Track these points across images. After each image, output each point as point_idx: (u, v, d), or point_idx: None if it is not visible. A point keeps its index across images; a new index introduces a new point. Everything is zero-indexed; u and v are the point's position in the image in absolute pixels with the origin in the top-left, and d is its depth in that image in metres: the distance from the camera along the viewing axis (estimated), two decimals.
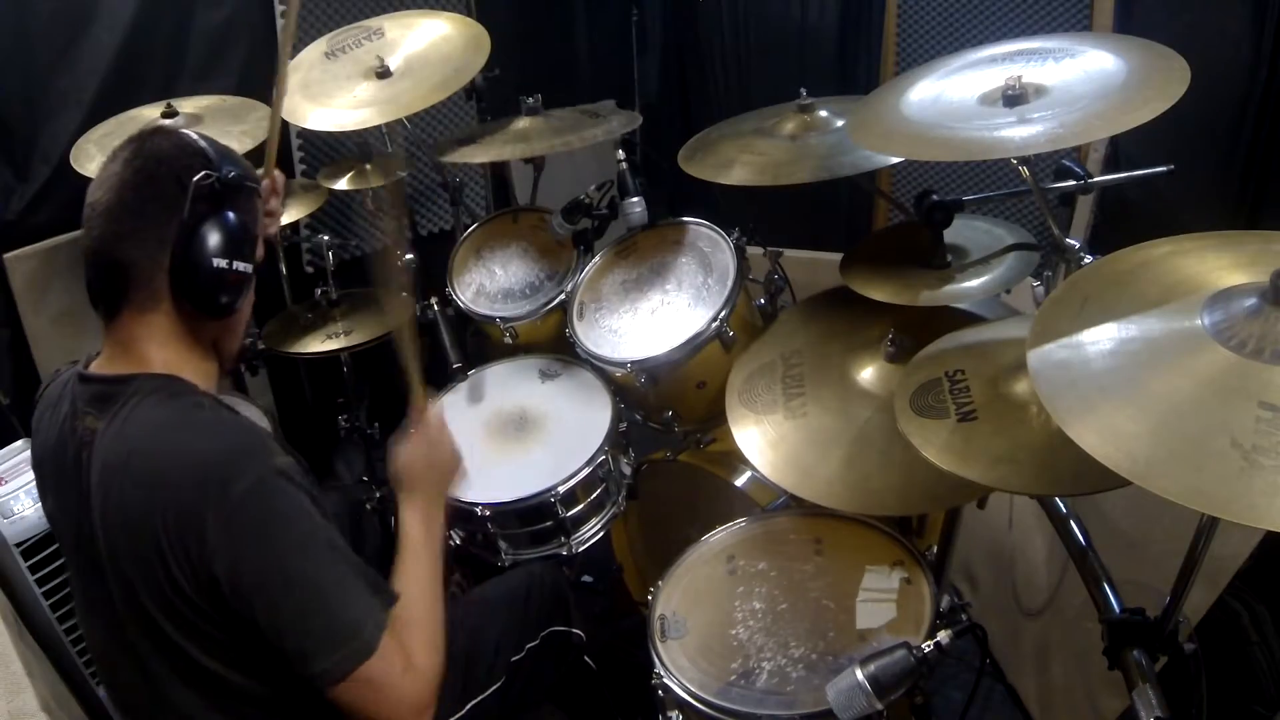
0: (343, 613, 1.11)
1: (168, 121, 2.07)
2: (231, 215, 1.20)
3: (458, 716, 1.42)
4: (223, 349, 1.29)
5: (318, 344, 2.19)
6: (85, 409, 1.17)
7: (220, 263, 1.17)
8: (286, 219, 2.18)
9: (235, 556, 1.07)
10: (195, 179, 1.16)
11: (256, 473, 1.10)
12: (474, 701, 1.44)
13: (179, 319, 1.19)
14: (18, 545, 1.74)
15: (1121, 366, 0.93)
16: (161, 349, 1.18)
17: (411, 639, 1.17)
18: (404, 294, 1.83)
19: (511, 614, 1.55)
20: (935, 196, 1.54)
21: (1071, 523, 1.42)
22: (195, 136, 1.22)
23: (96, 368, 1.21)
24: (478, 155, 2.09)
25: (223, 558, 1.06)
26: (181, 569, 1.07)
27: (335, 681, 1.09)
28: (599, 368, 1.91)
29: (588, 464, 1.77)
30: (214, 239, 1.17)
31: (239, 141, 2.04)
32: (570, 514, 1.77)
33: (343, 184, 2.23)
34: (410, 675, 1.15)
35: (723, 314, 1.79)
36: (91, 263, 1.17)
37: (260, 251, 1.30)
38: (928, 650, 1.22)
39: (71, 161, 2.02)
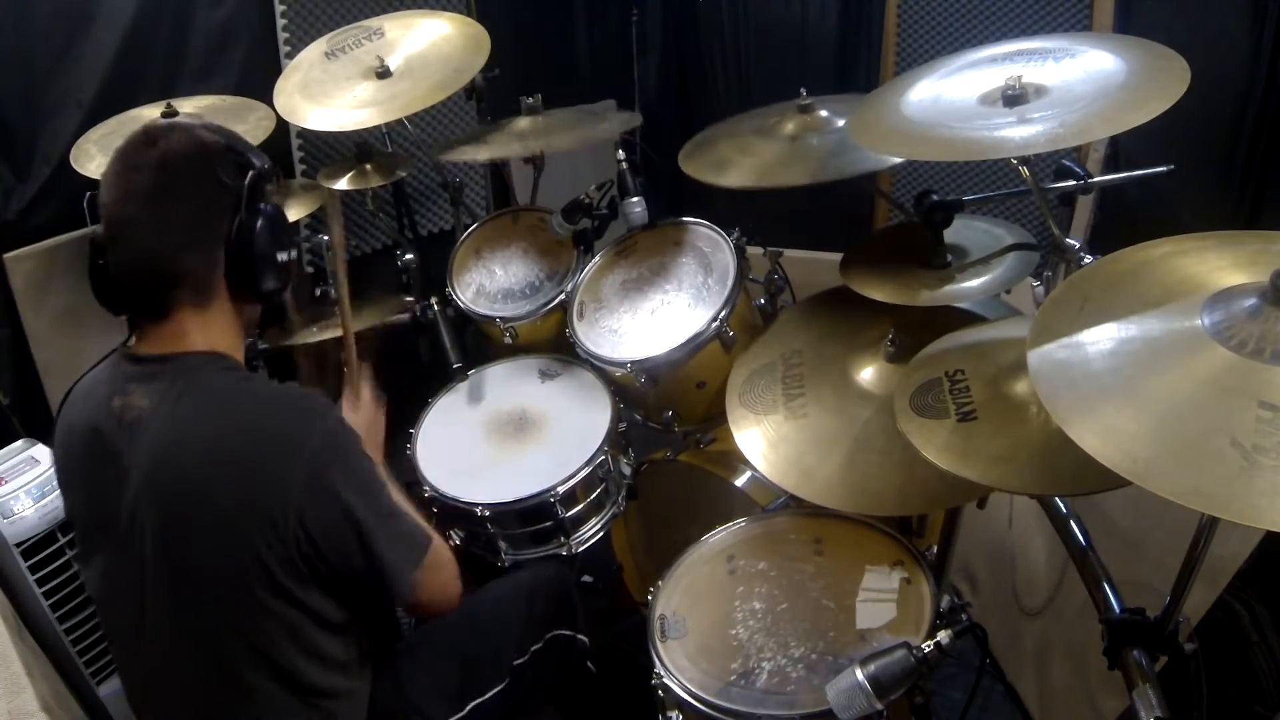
0: (412, 526, 1.25)
1: (171, 119, 2.07)
2: (275, 205, 1.23)
3: (458, 717, 1.42)
4: (250, 328, 1.33)
5: (315, 334, 2.17)
6: (131, 388, 1.17)
7: (282, 255, 1.23)
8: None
9: (322, 507, 1.11)
10: (247, 180, 1.18)
11: (327, 426, 1.15)
12: (475, 702, 1.44)
13: (231, 307, 1.22)
14: (18, 545, 1.74)
15: (1121, 366, 0.93)
16: (207, 333, 1.20)
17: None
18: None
19: (515, 615, 1.55)
20: (935, 196, 1.54)
21: (1071, 523, 1.42)
22: (211, 131, 1.22)
23: (139, 350, 1.21)
24: (479, 153, 2.09)
25: (309, 511, 1.10)
26: (261, 535, 1.09)
27: (417, 582, 1.23)
28: (599, 368, 1.91)
29: (587, 464, 1.77)
30: (270, 232, 1.21)
31: None
32: (570, 514, 1.77)
33: (343, 184, 2.23)
34: (449, 560, 1.33)
35: (723, 314, 1.79)
36: (133, 273, 1.16)
37: None
38: (928, 650, 1.21)
39: (71, 161, 2.02)
